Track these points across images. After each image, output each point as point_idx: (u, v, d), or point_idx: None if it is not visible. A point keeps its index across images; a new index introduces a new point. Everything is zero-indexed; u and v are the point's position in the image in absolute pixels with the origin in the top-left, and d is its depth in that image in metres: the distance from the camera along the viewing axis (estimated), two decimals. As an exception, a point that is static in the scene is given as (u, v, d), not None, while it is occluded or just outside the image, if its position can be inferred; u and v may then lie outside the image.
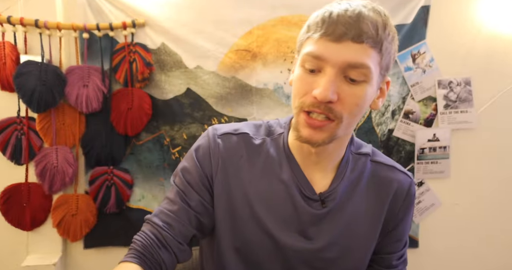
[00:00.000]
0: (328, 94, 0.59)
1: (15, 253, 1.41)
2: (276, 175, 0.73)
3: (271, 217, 0.73)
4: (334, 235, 0.73)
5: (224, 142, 0.74)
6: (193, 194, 0.73)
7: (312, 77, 0.62)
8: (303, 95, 0.63)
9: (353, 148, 0.77)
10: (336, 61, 0.59)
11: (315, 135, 0.63)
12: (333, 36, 0.59)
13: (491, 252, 1.54)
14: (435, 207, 1.51)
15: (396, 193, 0.76)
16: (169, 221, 0.71)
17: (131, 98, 1.37)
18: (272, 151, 0.75)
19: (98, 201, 1.39)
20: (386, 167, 0.78)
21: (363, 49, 0.59)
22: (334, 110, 0.61)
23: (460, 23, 1.44)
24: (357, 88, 0.61)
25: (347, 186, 0.74)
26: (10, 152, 1.35)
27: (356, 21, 0.58)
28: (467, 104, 1.46)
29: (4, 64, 1.29)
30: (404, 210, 0.78)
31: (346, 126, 0.64)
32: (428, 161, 1.48)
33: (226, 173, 0.74)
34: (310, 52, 0.61)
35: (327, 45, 0.59)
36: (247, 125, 0.79)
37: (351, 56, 0.59)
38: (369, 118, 1.46)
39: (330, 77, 0.59)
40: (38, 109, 1.30)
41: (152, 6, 1.37)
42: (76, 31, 1.34)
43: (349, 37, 0.58)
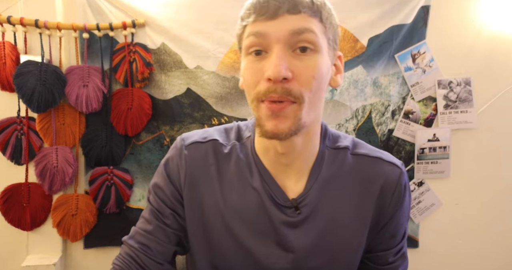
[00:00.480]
0: (281, 69, 0.54)
1: (15, 253, 1.41)
2: (247, 183, 0.68)
3: (246, 229, 0.68)
4: (314, 242, 0.66)
5: (191, 152, 0.70)
6: (167, 211, 0.70)
7: (260, 63, 0.58)
8: (256, 84, 0.59)
9: (328, 142, 0.71)
10: (278, 35, 0.56)
11: (280, 124, 0.57)
12: (268, 14, 0.56)
13: (491, 252, 1.54)
14: (435, 207, 1.51)
15: (383, 188, 0.69)
16: (145, 242, 0.68)
17: (131, 98, 1.37)
18: (242, 157, 0.70)
19: (98, 201, 1.39)
20: (370, 159, 0.70)
21: (302, 18, 0.56)
22: (293, 90, 0.56)
23: (460, 23, 1.44)
24: (309, 60, 0.57)
25: (323, 187, 0.68)
26: (10, 152, 1.35)
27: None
28: (467, 104, 1.46)
29: (4, 64, 1.29)
30: (395, 204, 0.70)
31: (309, 109, 0.59)
32: (428, 161, 1.48)
33: (196, 184, 0.70)
34: (250, 32, 0.58)
35: (265, 24, 0.57)
36: (217, 130, 0.75)
37: (292, 25, 0.56)
38: (369, 118, 1.46)
39: (278, 53, 0.56)
40: (38, 109, 1.30)
41: (152, 6, 1.37)
42: (76, 31, 1.34)
43: (284, 10, 0.56)
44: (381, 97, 1.45)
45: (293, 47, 0.57)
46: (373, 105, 1.45)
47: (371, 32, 1.41)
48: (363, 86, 1.43)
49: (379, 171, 0.69)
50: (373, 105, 1.45)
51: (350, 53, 1.42)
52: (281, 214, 0.66)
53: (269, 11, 0.56)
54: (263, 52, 0.58)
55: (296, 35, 0.56)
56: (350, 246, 0.69)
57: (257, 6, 0.57)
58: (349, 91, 1.43)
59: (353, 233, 0.69)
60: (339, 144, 0.71)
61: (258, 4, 0.57)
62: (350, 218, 0.68)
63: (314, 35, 0.57)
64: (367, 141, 1.46)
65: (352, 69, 1.42)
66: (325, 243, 0.67)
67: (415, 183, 1.50)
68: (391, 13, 1.41)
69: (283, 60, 0.56)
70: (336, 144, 0.71)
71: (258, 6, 0.57)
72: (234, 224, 0.68)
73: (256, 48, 0.58)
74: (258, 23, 0.57)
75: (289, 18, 0.56)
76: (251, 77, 0.59)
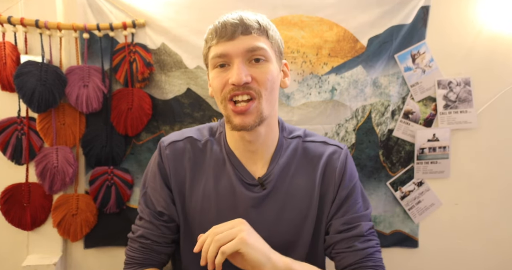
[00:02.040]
0: (242, 76, 0.73)
1: (16, 252, 1.41)
2: (221, 171, 0.84)
3: (221, 210, 0.83)
4: (275, 211, 0.83)
5: (171, 150, 0.86)
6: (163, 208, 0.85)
7: (225, 72, 0.76)
8: (223, 88, 0.76)
9: (285, 133, 0.88)
10: (237, 52, 0.74)
11: (246, 118, 0.75)
12: (227, 36, 0.75)
13: (491, 252, 1.54)
14: (435, 207, 1.51)
15: (327, 164, 0.86)
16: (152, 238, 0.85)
17: (131, 98, 1.37)
18: (216, 150, 0.86)
19: (98, 201, 1.39)
20: (317, 143, 0.88)
21: (253, 38, 0.75)
22: (253, 87, 0.75)
23: (460, 24, 1.44)
24: (263, 67, 0.76)
25: (282, 168, 0.84)
26: (11, 152, 1.35)
27: (240, 20, 0.75)
28: (466, 104, 1.46)
29: (4, 64, 1.29)
30: (340, 176, 0.85)
31: (267, 104, 0.77)
32: (428, 161, 1.48)
33: (180, 176, 0.85)
34: (215, 54, 0.76)
35: (225, 44, 0.75)
36: (191, 130, 0.91)
37: (247, 44, 0.75)
38: (369, 118, 1.46)
39: (238, 65, 0.74)
40: (38, 110, 1.30)
41: (152, 6, 1.37)
42: (76, 31, 1.34)
43: (239, 33, 0.74)
44: (381, 98, 1.45)
45: (249, 59, 0.76)
46: (373, 106, 1.45)
47: (371, 32, 1.42)
48: (363, 87, 1.43)
49: (324, 150, 0.87)
50: (373, 105, 1.45)
51: (350, 53, 1.42)
52: (249, 192, 0.83)
53: (228, 34, 0.75)
54: (226, 65, 0.76)
55: (250, 52, 0.75)
56: (304, 216, 0.84)
57: (218, 31, 0.76)
58: (349, 91, 1.43)
59: (305, 204, 0.84)
60: (294, 134, 0.89)
61: (219, 29, 0.76)
62: (302, 192, 0.84)
63: (264, 50, 0.76)
64: (367, 141, 1.47)
65: (352, 69, 1.42)
66: (284, 216, 0.83)
67: (414, 183, 1.50)
68: (391, 14, 1.41)
69: (243, 69, 0.74)
70: (291, 134, 0.89)
71: (218, 31, 0.76)
72: (210, 206, 0.83)
73: (221, 63, 0.77)
74: (220, 44, 0.76)
75: (243, 38, 0.75)
76: (219, 84, 0.77)
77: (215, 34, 0.76)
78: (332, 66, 1.43)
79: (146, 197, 0.87)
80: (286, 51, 1.42)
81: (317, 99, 1.43)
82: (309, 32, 1.41)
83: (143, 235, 0.84)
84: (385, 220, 1.50)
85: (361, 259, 0.80)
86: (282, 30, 1.40)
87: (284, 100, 1.43)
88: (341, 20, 1.41)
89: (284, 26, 1.41)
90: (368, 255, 0.80)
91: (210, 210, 0.84)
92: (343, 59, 1.42)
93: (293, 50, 1.42)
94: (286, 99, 1.43)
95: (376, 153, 1.47)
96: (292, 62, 1.42)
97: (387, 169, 1.49)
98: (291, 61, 1.42)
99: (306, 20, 1.41)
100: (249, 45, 0.74)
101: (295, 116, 1.44)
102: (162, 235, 0.85)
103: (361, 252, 0.80)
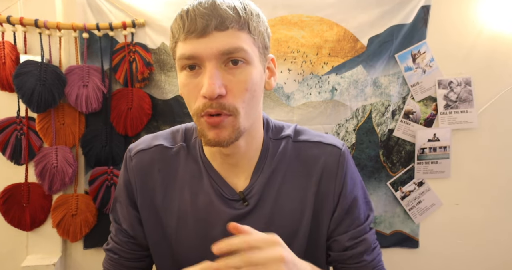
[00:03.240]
0: (215, 88, 0.57)
1: (15, 253, 1.41)
2: (197, 185, 0.71)
3: (200, 228, 0.71)
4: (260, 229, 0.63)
5: (137, 160, 0.74)
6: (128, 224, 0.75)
7: (195, 79, 0.60)
8: (195, 100, 0.61)
9: (271, 134, 0.74)
10: (209, 55, 0.58)
11: (221, 133, 0.61)
12: (197, 32, 0.58)
13: (491, 252, 1.53)
14: (435, 207, 1.51)
15: (324, 169, 0.71)
16: (121, 254, 0.76)
17: (131, 98, 1.37)
18: (190, 160, 0.73)
19: (98, 201, 1.38)
20: (311, 144, 0.73)
21: (231, 34, 0.58)
22: (226, 104, 0.59)
23: (461, 23, 1.44)
24: (241, 74, 0.60)
25: (268, 178, 0.70)
26: (10, 152, 1.35)
27: (213, 10, 0.57)
28: (467, 104, 1.46)
29: (3, 64, 1.29)
30: (340, 184, 0.71)
31: (246, 117, 0.62)
32: (428, 161, 1.48)
33: (147, 190, 0.73)
34: (181, 54, 0.60)
35: (195, 42, 0.58)
36: (164, 134, 0.77)
37: (222, 45, 0.57)
38: (369, 118, 1.46)
39: (210, 72, 0.58)
40: (37, 109, 1.30)
41: (152, 6, 1.36)
42: (75, 31, 1.34)
43: (212, 28, 0.57)
44: (381, 97, 1.45)
45: (225, 62, 0.59)
46: (373, 105, 1.45)
47: (371, 32, 1.41)
48: (363, 86, 1.43)
49: (319, 153, 0.72)
50: (373, 105, 1.45)
51: (350, 53, 1.42)
52: (229, 209, 0.69)
53: (198, 29, 0.57)
54: (197, 67, 0.60)
55: (226, 54, 0.58)
56: (295, 231, 0.71)
57: (186, 23, 0.59)
58: (349, 91, 1.43)
59: (296, 216, 0.71)
60: (282, 134, 0.74)
61: (187, 21, 0.58)
62: (293, 202, 0.71)
63: (244, 52, 0.59)
64: (367, 140, 1.46)
65: (352, 69, 1.42)
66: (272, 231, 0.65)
67: (415, 183, 1.49)
68: (391, 13, 1.41)
69: (216, 78, 0.58)
70: (279, 134, 0.74)
71: (186, 23, 0.58)
72: (188, 224, 0.71)
73: (189, 64, 0.60)
74: (189, 42, 0.59)
75: (217, 35, 0.57)
76: (188, 93, 0.62)
77: (182, 26, 0.59)
78: (332, 66, 1.42)
79: (115, 211, 0.78)
80: (286, 51, 1.41)
81: (317, 99, 1.43)
82: (309, 32, 1.41)
83: (111, 249, 0.77)
84: (386, 220, 1.50)
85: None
86: (282, 30, 1.40)
87: (284, 100, 1.43)
88: (341, 20, 1.41)
89: (284, 26, 1.40)
90: (375, 267, 0.74)
91: (187, 228, 0.72)
92: (343, 59, 1.42)
93: (293, 50, 1.41)
94: (286, 99, 1.43)
95: (376, 153, 1.47)
96: (292, 62, 1.42)
97: (388, 169, 1.49)
98: (291, 61, 1.42)
99: (306, 20, 1.40)
100: (225, 46, 0.58)
101: (295, 116, 1.43)
102: (131, 251, 0.75)
103: (370, 264, 0.73)
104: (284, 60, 1.42)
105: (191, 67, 0.60)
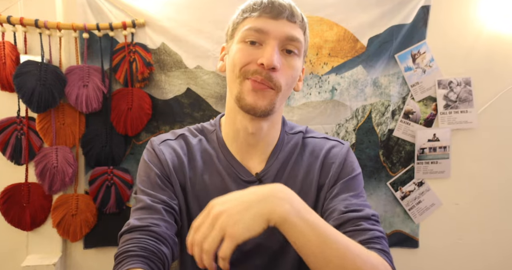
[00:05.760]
0: (274, 60, 0.66)
1: (15, 253, 1.41)
2: (214, 168, 0.79)
3: None
4: None
5: (166, 147, 0.80)
6: (160, 193, 0.75)
7: (254, 50, 0.69)
8: (246, 64, 0.69)
9: (287, 128, 0.84)
10: (276, 34, 0.68)
11: (259, 100, 0.69)
12: (272, 14, 0.68)
13: (491, 252, 1.54)
14: (435, 207, 1.51)
15: (326, 156, 0.80)
16: (152, 221, 0.71)
17: (131, 98, 1.37)
18: (209, 147, 0.81)
19: (98, 201, 1.39)
20: (317, 139, 0.84)
21: (295, 28, 0.70)
22: (274, 78, 0.68)
23: (460, 23, 1.44)
24: (292, 60, 0.71)
25: (281, 163, 0.80)
26: (10, 152, 1.35)
27: (288, 5, 0.69)
28: (467, 104, 1.46)
29: (4, 64, 1.29)
30: (340, 167, 0.78)
31: (282, 99, 0.73)
32: (428, 161, 1.48)
33: (177, 173, 0.78)
34: (252, 26, 0.69)
35: (267, 21, 0.68)
36: (183, 129, 0.85)
37: (289, 31, 0.69)
38: (369, 118, 1.46)
39: (273, 47, 0.68)
40: (38, 109, 1.30)
41: (152, 6, 1.36)
42: (76, 31, 1.34)
43: (284, 16, 0.69)
44: (381, 97, 1.45)
45: (282, 47, 0.70)
46: (373, 105, 1.45)
47: (371, 32, 1.41)
48: (363, 86, 1.43)
49: (323, 145, 0.82)
50: (373, 105, 1.45)
51: (350, 53, 1.42)
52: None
53: (273, 12, 0.68)
54: (257, 44, 0.69)
55: (289, 40, 0.69)
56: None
57: (263, 5, 0.69)
58: (349, 91, 1.43)
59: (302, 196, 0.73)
60: (295, 129, 0.85)
61: (265, 4, 0.69)
62: (299, 184, 0.79)
63: (300, 44, 0.71)
64: (367, 140, 1.46)
65: (352, 69, 1.42)
66: None
67: (415, 183, 1.50)
68: (391, 13, 1.41)
69: (277, 54, 0.68)
70: (293, 129, 0.85)
71: (264, 5, 0.69)
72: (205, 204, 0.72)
73: (252, 39, 0.69)
74: (262, 19, 0.69)
75: (287, 24, 0.69)
76: (242, 57, 0.69)
77: (259, 6, 0.69)
78: (332, 66, 1.42)
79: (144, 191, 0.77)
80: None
81: (317, 99, 1.43)
82: (309, 32, 1.41)
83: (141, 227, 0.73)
84: (386, 220, 1.50)
85: (369, 238, 0.71)
86: (282, 30, 1.40)
87: (284, 100, 1.43)
88: (341, 20, 1.41)
89: (284, 26, 1.40)
90: (376, 237, 0.72)
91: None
92: (343, 59, 1.42)
93: (293, 50, 1.42)
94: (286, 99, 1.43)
95: (376, 153, 1.47)
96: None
97: (387, 169, 1.49)
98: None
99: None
100: (290, 32, 0.69)
101: (295, 116, 1.43)
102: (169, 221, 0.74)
103: (370, 232, 0.71)
104: (284, 60, 1.42)
105: (252, 43, 0.69)
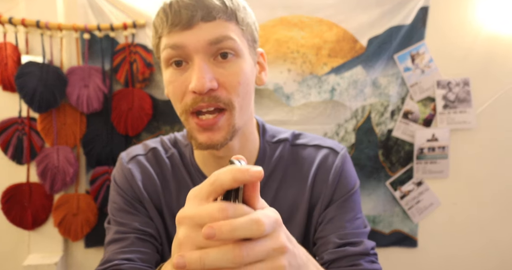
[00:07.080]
0: (205, 82, 0.54)
1: (17, 252, 1.41)
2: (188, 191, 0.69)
3: None
4: None
5: (135, 166, 0.70)
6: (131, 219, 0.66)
7: (183, 75, 0.57)
8: (182, 97, 0.58)
9: (268, 136, 0.70)
10: (196, 45, 0.55)
11: (213, 135, 0.57)
12: (182, 24, 0.54)
13: (489, 251, 1.54)
14: (434, 206, 1.52)
15: (318, 170, 0.68)
16: (124, 257, 0.62)
17: (132, 99, 1.38)
18: (181, 166, 0.70)
19: (99, 200, 1.39)
20: (309, 148, 0.70)
21: (218, 24, 0.55)
22: (221, 97, 0.56)
23: (459, 24, 1.44)
24: (232, 67, 0.57)
25: (265, 182, 0.67)
26: (12, 152, 1.35)
27: (198, 1, 0.54)
28: (465, 104, 1.46)
29: (5, 65, 1.30)
30: (335, 183, 0.66)
31: (241, 114, 0.59)
32: (427, 161, 1.48)
33: (150, 196, 0.68)
34: (166, 44, 0.56)
35: (181, 34, 0.55)
36: (155, 141, 0.74)
37: (209, 34, 0.55)
38: (369, 119, 1.46)
39: (199, 65, 0.55)
40: (39, 110, 1.31)
41: (152, 6, 1.37)
42: (77, 32, 1.34)
43: (198, 19, 0.54)
44: (381, 98, 1.46)
45: (214, 55, 0.56)
46: (372, 106, 1.46)
47: (371, 32, 1.42)
48: (363, 87, 1.44)
49: (316, 155, 0.69)
50: (372, 105, 1.46)
51: (350, 53, 1.43)
52: None
53: (183, 20, 0.54)
54: (184, 63, 0.57)
55: (214, 44, 0.55)
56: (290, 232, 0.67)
57: (169, 16, 0.55)
58: (349, 91, 1.44)
59: (290, 218, 0.67)
60: (278, 137, 0.71)
61: (170, 13, 0.55)
62: (288, 207, 0.68)
63: (233, 41, 0.56)
64: (366, 141, 1.47)
65: (352, 70, 1.43)
66: None
67: (414, 183, 1.50)
68: (391, 14, 1.42)
69: (205, 71, 0.54)
70: (276, 137, 0.71)
71: (170, 15, 0.55)
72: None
73: (175, 60, 0.57)
74: (173, 34, 0.55)
75: (204, 26, 0.55)
76: (175, 90, 0.58)
77: (166, 18, 0.56)
78: (332, 66, 1.43)
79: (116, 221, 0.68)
80: (286, 51, 1.42)
81: (317, 99, 1.44)
82: (309, 33, 1.42)
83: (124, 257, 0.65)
84: (385, 219, 1.51)
85: None
86: (282, 30, 1.41)
87: (284, 100, 1.44)
88: (340, 21, 1.42)
89: (284, 26, 1.41)
90: None
91: None
92: (342, 60, 1.43)
93: (293, 51, 1.42)
94: (286, 99, 1.43)
95: (375, 153, 1.48)
96: (292, 63, 1.43)
97: (387, 168, 1.50)
98: (291, 62, 1.42)
99: (306, 21, 1.41)
100: (213, 36, 0.55)
101: (295, 116, 1.44)
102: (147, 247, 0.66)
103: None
104: (284, 61, 1.43)
105: (178, 64, 0.57)
